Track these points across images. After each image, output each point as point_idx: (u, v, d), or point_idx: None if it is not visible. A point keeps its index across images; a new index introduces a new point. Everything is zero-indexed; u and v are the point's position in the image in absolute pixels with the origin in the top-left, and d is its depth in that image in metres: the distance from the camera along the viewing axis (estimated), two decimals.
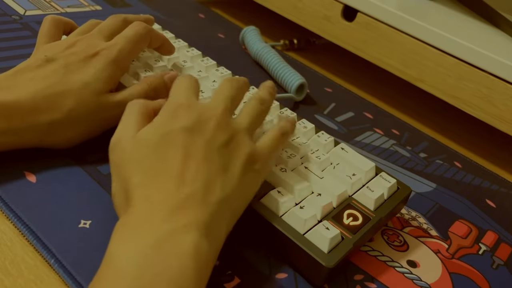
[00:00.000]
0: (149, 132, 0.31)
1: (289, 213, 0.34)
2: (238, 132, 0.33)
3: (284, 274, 0.33)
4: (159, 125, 0.31)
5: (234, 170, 0.31)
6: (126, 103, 0.37)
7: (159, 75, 0.40)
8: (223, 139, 0.31)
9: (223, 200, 0.29)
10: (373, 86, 0.63)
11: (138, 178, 0.29)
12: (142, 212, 0.27)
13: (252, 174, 0.32)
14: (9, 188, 0.34)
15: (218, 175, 0.30)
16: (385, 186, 0.38)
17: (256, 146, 0.33)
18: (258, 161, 0.32)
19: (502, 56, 0.47)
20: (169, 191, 0.28)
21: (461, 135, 0.57)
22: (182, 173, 0.29)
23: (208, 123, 0.32)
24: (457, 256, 0.39)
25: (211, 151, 0.30)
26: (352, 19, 0.56)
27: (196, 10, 0.70)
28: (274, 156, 0.35)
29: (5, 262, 0.29)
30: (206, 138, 0.31)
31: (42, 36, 0.40)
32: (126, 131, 0.32)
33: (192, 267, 0.25)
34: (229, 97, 0.34)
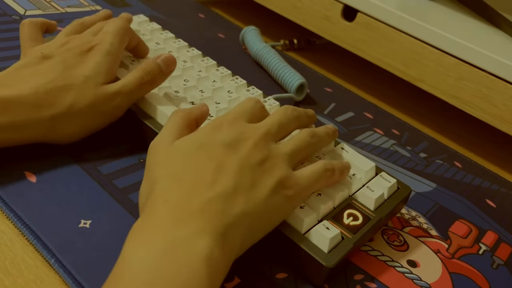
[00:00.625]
0: (187, 141, 0.32)
1: None
2: (276, 156, 0.32)
3: (284, 274, 0.33)
4: (199, 136, 0.32)
5: (262, 189, 0.30)
6: (124, 92, 0.38)
7: (153, 59, 0.40)
8: (258, 158, 0.31)
9: (243, 214, 0.29)
10: (373, 86, 0.63)
11: (164, 181, 0.29)
12: (158, 215, 0.27)
13: (281, 199, 0.31)
14: (9, 188, 0.34)
15: (244, 190, 0.29)
16: (385, 186, 0.38)
17: (294, 173, 0.32)
18: (291, 188, 0.32)
19: (502, 56, 0.47)
20: (190, 195, 0.28)
21: (461, 135, 0.57)
22: (208, 181, 0.29)
23: (247, 142, 0.32)
24: (457, 256, 0.39)
25: (243, 167, 0.30)
26: (352, 19, 0.56)
27: (196, 10, 0.70)
28: (311, 189, 0.34)
29: (5, 262, 0.29)
30: (241, 155, 0.31)
31: (25, 40, 0.41)
32: (166, 137, 0.32)
33: (205, 272, 0.25)
34: (277, 123, 0.34)
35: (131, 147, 0.41)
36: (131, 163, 0.39)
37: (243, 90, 0.46)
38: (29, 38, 0.41)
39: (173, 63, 0.41)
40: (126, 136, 0.41)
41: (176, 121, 0.33)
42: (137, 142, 0.41)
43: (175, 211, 0.27)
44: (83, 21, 0.44)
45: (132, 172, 0.38)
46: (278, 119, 0.35)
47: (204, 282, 0.25)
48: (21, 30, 0.41)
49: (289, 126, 0.35)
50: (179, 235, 0.26)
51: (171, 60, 0.40)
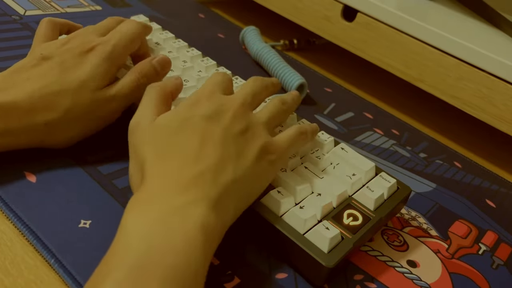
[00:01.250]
0: (168, 117, 0.33)
1: (289, 213, 0.34)
2: (255, 124, 0.34)
3: (284, 274, 0.33)
4: (179, 112, 0.33)
5: (247, 157, 0.32)
6: (120, 96, 0.38)
7: (147, 60, 0.40)
8: (239, 128, 0.33)
9: (234, 182, 0.30)
10: (373, 86, 0.63)
11: (154, 158, 0.30)
12: (154, 188, 0.28)
13: (266, 164, 0.33)
14: (9, 188, 0.34)
15: (231, 159, 0.31)
16: (385, 186, 0.38)
17: (273, 139, 0.34)
18: (273, 152, 0.34)
19: (502, 56, 0.47)
20: (181, 168, 0.29)
21: (461, 135, 0.57)
22: (196, 155, 0.30)
23: (226, 113, 0.33)
24: (457, 256, 0.39)
25: (227, 138, 0.32)
26: (352, 19, 0.56)
27: (196, 10, 0.70)
28: (290, 151, 0.36)
29: (5, 262, 0.29)
30: (223, 126, 0.32)
31: (38, 37, 0.41)
32: (145, 114, 0.33)
33: (199, 240, 0.26)
34: (250, 93, 0.36)
35: None
36: None
37: None
38: (42, 35, 0.41)
39: (168, 64, 0.41)
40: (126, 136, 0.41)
41: (153, 96, 0.34)
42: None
43: (169, 183, 0.28)
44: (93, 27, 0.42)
45: None
46: (251, 89, 0.37)
47: (199, 249, 0.26)
48: (38, 27, 0.41)
49: (261, 95, 0.38)
50: (174, 203, 0.27)
51: (166, 61, 0.41)
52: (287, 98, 0.39)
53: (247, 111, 0.35)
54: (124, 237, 0.26)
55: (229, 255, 0.34)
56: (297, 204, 0.35)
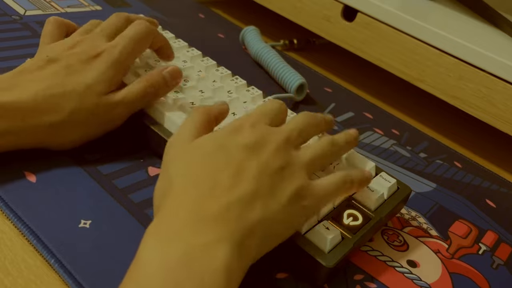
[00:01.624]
0: (206, 140, 0.31)
1: None
2: (296, 163, 0.31)
3: (284, 274, 0.33)
4: (218, 137, 0.31)
5: (280, 197, 0.29)
6: (125, 102, 0.37)
7: (158, 70, 0.40)
8: (278, 165, 0.30)
9: (261, 222, 0.28)
10: (373, 86, 0.63)
11: (181, 180, 0.29)
12: (176, 219, 0.27)
13: (298, 209, 0.30)
14: (9, 188, 0.34)
15: (263, 196, 0.29)
16: (385, 186, 0.38)
17: (311, 183, 0.32)
18: (308, 198, 0.31)
19: (502, 56, 0.47)
20: (208, 198, 0.27)
21: (461, 135, 0.57)
22: (227, 186, 0.28)
23: (267, 147, 0.31)
24: (457, 256, 0.39)
25: (262, 173, 0.29)
26: (352, 19, 0.56)
27: (196, 10, 0.70)
28: (328, 200, 0.33)
29: (5, 262, 0.29)
30: (261, 160, 0.30)
31: (44, 37, 0.40)
32: (185, 134, 0.32)
33: (223, 284, 0.24)
34: (298, 129, 0.34)
35: (132, 147, 0.41)
36: (131, 163, 0.39)
37: (243, 90, 0.46)
38: (48, 35, 0.40)
39: (179, 76, 0.40)
40: (126, 136, 0.41)
41: (196, 118, 0.33)
42: (138, 142, 0.41)
43: (193, 215, 0.27)
44: (99, 22, 0.42)
45: (133, 173, 0.38)
46: (299, 125, 0.34)
47: None
48: (45, 26, 0.41)
49: (309, 132, 0.35)
50: (197, 243, 0.25)
51: (177, 72, 0.40)
52: (339, 140, 0.36)
53: (290, 148, 0.32)
54: (143, 271, 0.24)
55: None
56: None
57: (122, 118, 0.39)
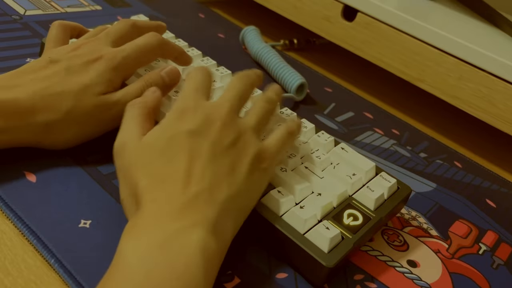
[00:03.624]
0: (154, 136, 0.31)
1: (289, 213, 0.34)
2: (245, 132, 0.33)
3: (284, 274, 0.33)
4: (165, 129, 0.32)
5: (241, 169, 0.31)
6: (122, 102, 0.37)
7: (156, 71, 0.40)
8: (230, 140, 0.32)
9: (230, 199, 0.29)
10: (373, 86, 0.63)
11: (145, 182, 0.29)
12: (150, 213, 0.27)
13: (259, 173, 0.32)
14: (9, 188, 0.34)
15: (225, 175, 0.30)
16: (385, 186, 0.38)
17: (263, 144, 0.34)
18: (265, 160, 0.33)
19: (502, 56, 0.47)
20: (175, 192, 0.28)
21: (461, 135, 0.57)
22: (188, 175, 0.29)
23: (214, 125, 0.32)
24: (457, 256, 0.39)
25: (217, 152, 0.31)
26: (352, 19, 0.56)
27: (196, 10, 0.70)
28: (281, 155, 0.35)
29: (5, 262, 0.29)
30: (212, 140, 0.31)
31: (49, 41, 0.41)
32: (130, 134, 0.32)
33: (200, 265, 0.25)
34: (237, 96, 0.35)
35: None
36: None
37: None
38: (53, 39, 0.41)
39: (177, 76, 0.40)
40: None
41: (135, 114, 0.33)
42: None
43: (165, 207, 0.28)
44: (106, 27, 0.42)
45: None
46: (238, 90, 0.35)
47: (200, 274, 0.25)
48: (49, 30, 0.42)
49: (247, 93, 0.36)
50: (172, 228, 0.26)
51: (175, 73, 0.40)
52: (271, 96, 0.37)
53: (235, 117, 0.33)
54: (122, 262, 0.25)
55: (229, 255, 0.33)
56: (297, 204, 0.35)
57: (119, 119, 0.38)
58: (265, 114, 0.36)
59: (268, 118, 0.36)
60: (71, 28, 0.43)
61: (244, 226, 0.34)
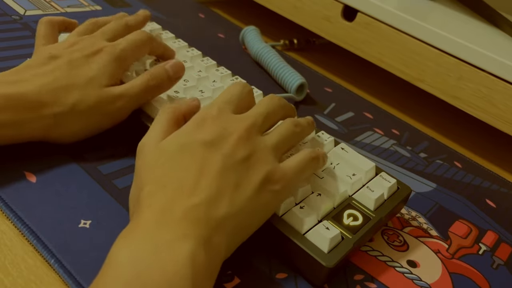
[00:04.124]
0: (170, 141, 0.31)
1: (289, 213, 0.34)
2: (261, 149, 0.31)
3: (284, 274, 0.33)
4: (181, 135, 0.31)
5: (247, 187, 0.29)
6: (127, 95, 0.38)
7: (160, 64, 0.40)
8: (243, 155, 0.30)
9: (228, 218, 0.28)
10: (373, 86, 0.63)
11: (151, 186, 0.29)
12: (143, 219, 0.27)
13: (269, 195, 0.30)
14: (9, 188, 0.34)
15: (228, 191, 0.29)
16: (385, 186, 0.38)
17: (280, 166, 0.32)
18: (278, 182, 0.31)
19: (502, 56, 0.47)
20: (176, 201, 0.28)
21: (461, 135, 0.57)
22: (192, 185, 0.28)
23: (230, 138, 0.31)
24: (457, 256, 0.39)
25: (226, 167, 0.29)
26: (352, 19, 0.56)
27: (196, 10, 0.70)
28: (299, 180, 0.33)
29: (5, 262, 0.29)
30: (224, 153, 0.30)
31: (39, 38, 0.41)
32: (152, 137, 0.32)
33: (189, 275, 0.25)
34: (263, 114, 0.33)
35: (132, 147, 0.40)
36: (131, 163, 0.39)
37: None
38: (43, 36, 0.41)
39: (181, 69, 0.40)
40: (126, 136, 0.41)
41: (163, 118, 0.33)
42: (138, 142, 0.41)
43: (159, 215, 0.27)
44: (96, 20, 0.43)
45: (132, 172, 0.38)
46: (265, 109, 0.34)
47: (189, 281, 0.25)
48: (38, 28, 0.42)
49: (275, 116, 0.35)
50: (163, 238, 0.26)
51: (179, 66, 0.40)
52: (301, 121, 0.36)
53: (255, 134, 0.32)
54: (113, 263, 0.25)
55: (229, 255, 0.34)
56: (297, 204, 0.35)
57: (125, 112, 0.39)
58: (289, 136, 0.34)
59: (291, 142, 0.35)
60: (59, 23, 0.43)
61: None
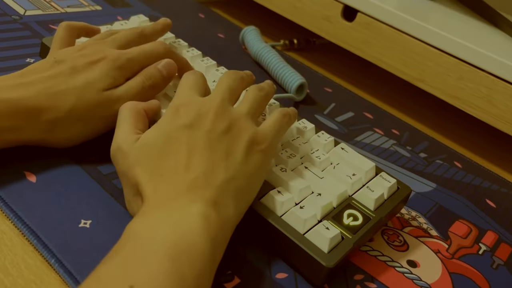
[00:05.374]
0: (151, 135, 0.32)
1: (289, 213, 0.34)
2: (239, 118, 0.34)
3: (284, 274, 0.33)
4: (161, 127, 0.33)
5: (237, 153, 0.32)
6: (125, 98, 0.38)
7: (153, 65, 0.40)
8: (223, 127, 0.33)
9: (228, 181, 0.30)
10: (373, 86, 0.63)
11: (146, 178, 0.30)
12: (154, 201, 0.29)
13: (258, 155, 0.33)
14: (9, 188, 0.34)
15: (221, 160, 0.31)
16: (385, 186, 0.38)
17: (259, 128, 0.34)
18: (262, 142, 0.33)
19: (502, 56, 0.47)
20: (175, 181, 0.30)
21: (461, 135, 0.57)
22: (186, 165, 0.30)
23: (207, 116, 0.33)
24: (457, 256, 0.39)
25: (212, 140, 0.32)
26: (352, 19, 0.56)
27: (196, 10, 0.70)
28: (279, 136, 0.36)
29: (5, 262, 0.29)
30: (206, 130, 0.32)
31: (55, 42, 0.41)
32: (124, 136, 0.33)
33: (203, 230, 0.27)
34: (227, 88, 0.36)
35: None
36: None
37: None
38: (59, 40, 0.41)
39: (174, 68, 0.41)
40: None
41: (126, 116, 0.34)
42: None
43: (165, 195, 0.29)
44: (115, 31, 0.43)
45: None
46: (227, 85, 0.36)
47: (202, 238, 0.26)
48: (56, 31, 0.42)
49: (238, 88, 0.37)
50: (173, 206, 0.28)
51: (171, 65, 0.41)
52: (262, 85, 0.39)
53: (227, 107, 0.34)
54: (128, 230, 0.27)
55: (229, 255, 0.34)
56: (297, 204, 0.35)
57: None
58: (258, 101, 0.37)
59: (261, 105, 0.37)
60: (78, 29, 0.43)
61: (244, 226, 0.34)
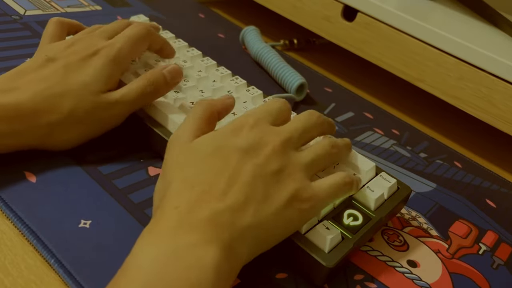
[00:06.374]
0: (204, 141, 0.31)
1: None
2: (294, 165, 0.31)
3: (284, 274, 0.33)
4: (216, 138, 0.31)
5: (274, 201, 0.29)
6: (123, 101, 0.37)
7: (158, 69, 0.40)
8: (274, 168, 0.30)
9: (251, 227, 0.28)
10: (373, 86, 0.63)
11: (179, 183, 0.29)
12: (168, 220, 0.27)
13: (294, 213, 0.30)
14: (9, 188, 0.34)
15: (255, 201, 0.29)
16: (385, 186, 0.38)
17: (311, 185, 0.31)
18: (307, 201, 0.31)
19: (502, 56, 0.47)
20: (200, 203, 0.28)
21: (461, 135, 0.57)
22: (220, 190, 0.28)
23: (265, 148, 0.31)
24: (457, 256, 0.39)
25: (257, 177, 0.29)
26: (352, 19, 0.56)
27: (196, 10, 0.70)
28: (329, 202, 0.33)
29: (5, 262, 0.29)
30: (256, 163, 0.30)
31: (45, 37, 0.41)
32: (185, 132, 0.32)
33: (212, 280, 0.25)
34: (300, 129, 0.33)
35: (132, 147, 0.41)
36: (131, 163, 0.39)
37: (243, 90, 0.46)
38: (49, 35, 0.41)
39: (179, 75, 0.40)
40: (126, 136, 0.41)
41: (198, 115, 0.33)
42: (138, 142, 0.41)
43: (184, 218, 0.27)
44: (101, 26, 0.43)
45: (133, 172, 0.38)
46: (303, 124, 0.34)
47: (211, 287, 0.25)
48: (47, 26, 0.41)
49: (312, 132, 0.34)
50: (186, 242, 0.26)
51: (177, 71, 0.40)
52: (339, 142, 0.36)
53: (289, 149, 0.32)
54: (135, 261, 0.25)
55: None
56: None
57: (122, 117, 0.38)
58: (324, 156, 0.34)
59: (325, 162, 0.34)
60: (69, 25, 0.43)
61: None
